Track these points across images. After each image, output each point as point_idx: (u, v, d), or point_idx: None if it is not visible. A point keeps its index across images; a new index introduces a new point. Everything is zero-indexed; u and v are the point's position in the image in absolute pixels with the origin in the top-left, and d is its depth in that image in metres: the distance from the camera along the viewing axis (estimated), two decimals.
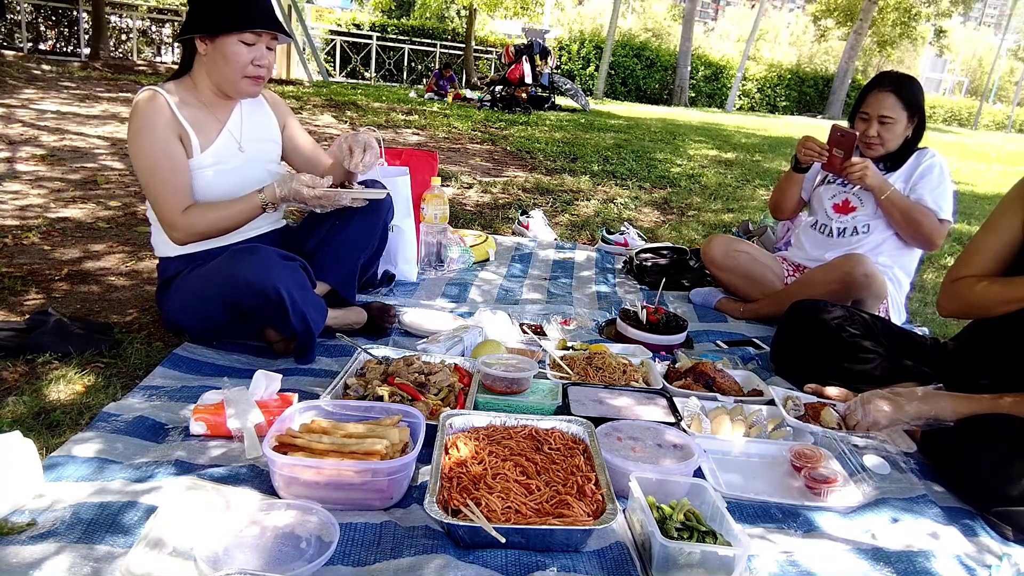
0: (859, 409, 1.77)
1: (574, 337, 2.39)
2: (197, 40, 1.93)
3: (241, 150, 2.07)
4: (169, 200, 1.91)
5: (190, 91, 2.00)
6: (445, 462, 1.40)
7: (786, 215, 2.90)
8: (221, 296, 1.87)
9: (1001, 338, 1.82)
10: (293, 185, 1.96)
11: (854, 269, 2.36)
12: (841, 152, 2.47)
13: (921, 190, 2.48)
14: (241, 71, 1.93)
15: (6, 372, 1.81)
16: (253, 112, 2.15)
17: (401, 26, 20.80)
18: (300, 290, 1.88)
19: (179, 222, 1.92)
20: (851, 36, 23.72)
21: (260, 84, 2.01)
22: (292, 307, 1.84)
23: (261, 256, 1.83)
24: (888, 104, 2.45)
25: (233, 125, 2.07)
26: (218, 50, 1.91)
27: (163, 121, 1.91)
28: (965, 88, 52.75)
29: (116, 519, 1.25)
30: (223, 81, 1.96)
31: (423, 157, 3.17)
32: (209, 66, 1.95)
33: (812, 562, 1.32)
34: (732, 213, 4.96)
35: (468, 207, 4.42)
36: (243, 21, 1.88)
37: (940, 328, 2.90)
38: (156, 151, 1.90)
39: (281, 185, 1.97)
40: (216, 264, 1.88)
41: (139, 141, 1.90)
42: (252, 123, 2.13)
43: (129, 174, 4.35)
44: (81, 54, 13.44)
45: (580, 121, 10.95)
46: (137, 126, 1.90)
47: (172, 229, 1.94)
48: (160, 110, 1.91)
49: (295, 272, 1.89)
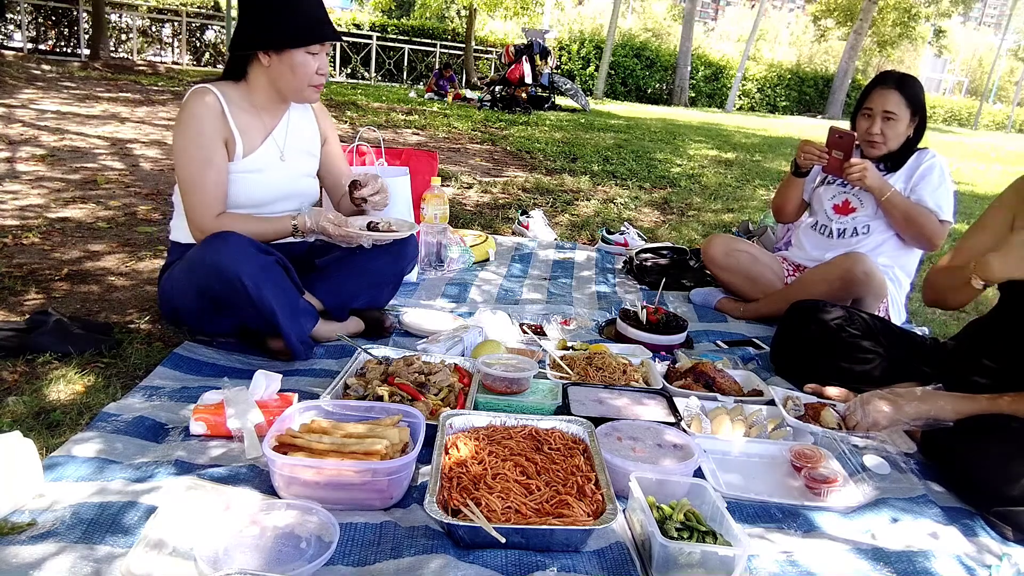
0: (859, 410, 1.77)
1: (574, 337, 2.39)
2: (260, 52, 1.93)
3: (282, 159, 2.08)
4: (205, 203, 1.92)
5: (244, 95, 2.00)
6: (445, 462, 1.40)
7: (789, 218, 2.90)
8: (196, 282, 1.87)
9: (1001, 338, 1.82)
10: (321, 221, 2.01)
11: (853, 267, 2.37)
12: (840, 154, 2.47)
13: (921, 191, 2.48)
14: (308, 81, 1.96)
15: (6, 372, 1.81)
16: (300, 122, 2.15)
17: (401, 26, 20.78)
18: (271, 284, 1.86)
19: (211, 227, 1.92)
20: (851, 36, 23.73)
21: (321, 90, 2.03)
22: (259, 299, 1.82)
23: (232, 243, 1.82)
24: (892, 100, 2.46)
25: (279, 133, 2.08)
26: (284, 62, 1.92)
27: (212, 122, 1.91)
28: (965, 88, 52.75)
29: (116, 519, 1.25)
30: (288, 90, 1.98)
31: (423, 157, 3.17)
32: (273, 76, 1.96)
33: (812, 562, 1.32)
34: (732, 213, 4.96)
35: (468, 207, 4.42)
36: (314, 36, 1.91)
37: (940, 328, 2.90)
38: (200, 154, 1.91)
39: (311, 217, 2.02)
40: (193, 252, 1.89)
41: (184, 139, 1.91)
42: (296, 133, 2.13)
43: (129, 174, 4.35)
44: (81, 54, 13.45)
45: (580, 121, 10.95)
46: (185, 123, 1.90)
47: (202, 232, 1.94)
48: (211, 110, 1.91)
49: (268, 267, 1.87)
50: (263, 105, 2.03)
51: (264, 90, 2.00)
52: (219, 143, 1.93)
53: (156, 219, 3.43)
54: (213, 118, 1.92)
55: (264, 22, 1.90)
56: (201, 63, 16.40)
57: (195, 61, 16.42)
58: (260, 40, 1.91)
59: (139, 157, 4.90)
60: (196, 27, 16.31)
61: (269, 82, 1.98)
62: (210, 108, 1.91)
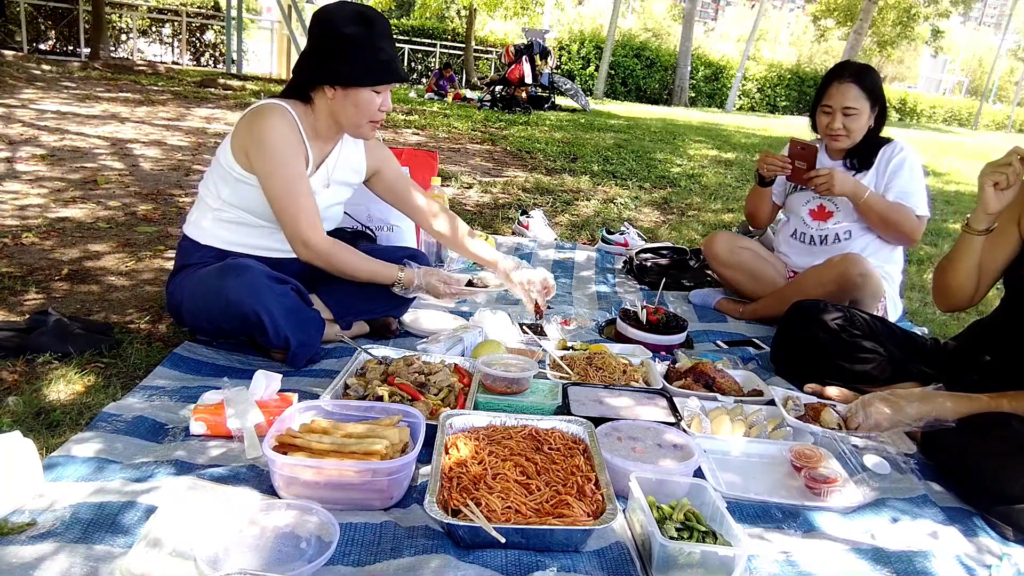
0: (860, 412, 1.77)
1: (574, 337, 2.39)
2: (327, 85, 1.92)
3: (327, 186, 2.08)
4: (306, 215, 1.92)
5: (307, 118, 1.99)
6: (445, 462, 1.40)
7: (763, 224, 2.92)
8: (206, 309, 1.88)
9: (1003, 338, 1.82)
10: (432, 280, 2.07)
11: (849, 269, 2.35)
12: (803, 164, 2.47)
13: (895, 187, 2.47)
14: (369, 117, 1.96)
15: (6, 372, 1.81)
16: (350, 153, 2.14)
17: (401, 26, 20.78)
18: (286, 313, 1.86)
19: (322, 244, 1.94)
20: (851, 36, 23.68)
21: (378, 127, 2.03)
22: (274, 330, 1.85)
23: (247, 278, 1.81)
24: (851, 95, 2.43)
25: (331, 161, 2.08)
26: (349, 98, 1.91)
27: (296, 139, 1.93)
28: (965, 88, 52.73)
29: (116, 519, 1.25)
30: (348, 124, 1.97)
31: (423, 157, 3.17)
32: (335, 108, 1.95)
33: (812, 562, 1.32)
34: (732, 213, 4.96)
35: (468, 207, 4.42)
36: (383, 77, 1.91)
37: (940, 328, 2.90)
38: (294, 170, 1.91)
39: (420, 276, 2.07)
40: (207, 274, 1.88)
41: (277, 155, 1.89)
42: (344, 164, 2.13)
43: (129, 174, 4.35)
44: (81, 54, 13.44)
45: (580, 121, 10.95)
46: (270, 140, 1.88)
47: (305, 246, 1.94)
48: (293, 128, 1.92)
49: (283, 296, 1.87)
50: (321, 132, 2.02)
51: (324, 119, 1.99)
52: (302, 158, 1.95)
53: (156, 219, 3.43)
54: (296, 135, 1.93)
55: (337, 57, 1.87)
56: (201, 63, 16.39)
57: (195, 61, 16.42)
58: (329, 74, 1.89)
59: (139, 157, 4.90)
60: (196, 27, 16.31)
61: (330, 113, 1.97)
62: (292, 126, 1.92)
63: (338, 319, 2.16)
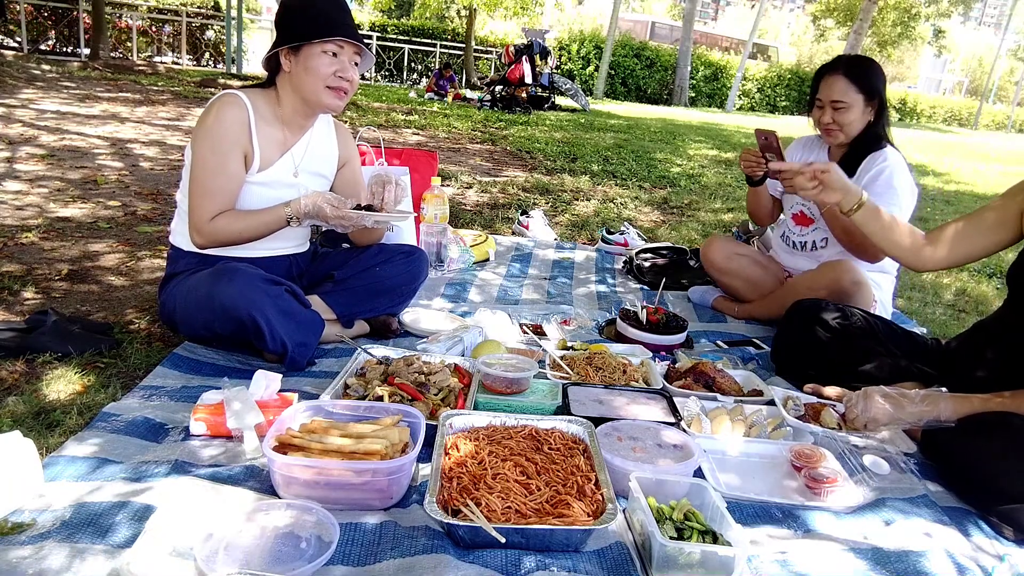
0: (860, 403, 1.75)
1: (574, 337, 2.39)
2: (282, 57, 1.94)
3: (295, 175, 2.07)
4: (208, 209, 1.91)
5: (272, 106, 2.00)
6: (445, 462, 1.40)
7: (765, 222, 2.89)
8: (200, 316, 1.87)
9: (1004, 339, 1.82)
10: (318, 201, 1.96)
11: (842, 277, 2.31)
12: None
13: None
14: (324, 81, 1.94)
15: (6, 372, 1.81)
16: (320, 142, 2.14)
17: (401, 26, 20.79)
18: (282, 316, 1.85)
19: (206, 229, 1.92)
20: (851, 36, 23.67)
21: (342, 98, 2.00)
22: (270, 334, 1.83)
23: (239, 282, 1.80)
24: (839, 88, 2.35)
25: (298, 150, 2.07)
26: (301, 63, 1.92)
27: (235, 132, 1.91)
28: (965, 88, 52.72)
29: (115, 519, 1.25)
30: (306, 92, 1.96)
31: (423, 157, 3.17)
32: (294, 81, 1.95)
33: (811, 562, 1.32)
34: (732, 213, 4.96)
35: (468, 207, 4.42)
36: (325, 29, 1.91)
37: (940, 328, 2.90)
38: (215, 161, 1.91)
39: (307, 200, 1.96)
40: (198, 280, 1.87)
41: (204, 143, 1.91)
42: (314, 153, 2.12)
43: (129, 174, 4.35)
44: (81, 54, 13.44)
45: (580, 121, 10.95)
46: (208, 127, 1.90)
47: (197, 234, 1.94)
48: (236, 119, 1.92)
49: (278, 298, 1.86)
50: (288, 118, 2.02)
51: (290, 100, 1.99)
52: (238, 153, 1.93)
53: (156, 219, 3.43)
54: (237, 128, 1.92)
55: (286, 22, 1.93)
56: (201, 63, 16.39)
57: (195, 61, 16.42)
58: (281, 39, 1.93)
59: (139, 157, 4.90)
60: (196, 27, 16.31)
61: (293, 89, 1.97)
62: (236, 117, 1.92)
63: (340, 318, 2.16)
